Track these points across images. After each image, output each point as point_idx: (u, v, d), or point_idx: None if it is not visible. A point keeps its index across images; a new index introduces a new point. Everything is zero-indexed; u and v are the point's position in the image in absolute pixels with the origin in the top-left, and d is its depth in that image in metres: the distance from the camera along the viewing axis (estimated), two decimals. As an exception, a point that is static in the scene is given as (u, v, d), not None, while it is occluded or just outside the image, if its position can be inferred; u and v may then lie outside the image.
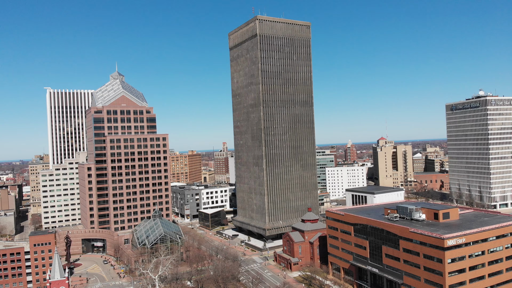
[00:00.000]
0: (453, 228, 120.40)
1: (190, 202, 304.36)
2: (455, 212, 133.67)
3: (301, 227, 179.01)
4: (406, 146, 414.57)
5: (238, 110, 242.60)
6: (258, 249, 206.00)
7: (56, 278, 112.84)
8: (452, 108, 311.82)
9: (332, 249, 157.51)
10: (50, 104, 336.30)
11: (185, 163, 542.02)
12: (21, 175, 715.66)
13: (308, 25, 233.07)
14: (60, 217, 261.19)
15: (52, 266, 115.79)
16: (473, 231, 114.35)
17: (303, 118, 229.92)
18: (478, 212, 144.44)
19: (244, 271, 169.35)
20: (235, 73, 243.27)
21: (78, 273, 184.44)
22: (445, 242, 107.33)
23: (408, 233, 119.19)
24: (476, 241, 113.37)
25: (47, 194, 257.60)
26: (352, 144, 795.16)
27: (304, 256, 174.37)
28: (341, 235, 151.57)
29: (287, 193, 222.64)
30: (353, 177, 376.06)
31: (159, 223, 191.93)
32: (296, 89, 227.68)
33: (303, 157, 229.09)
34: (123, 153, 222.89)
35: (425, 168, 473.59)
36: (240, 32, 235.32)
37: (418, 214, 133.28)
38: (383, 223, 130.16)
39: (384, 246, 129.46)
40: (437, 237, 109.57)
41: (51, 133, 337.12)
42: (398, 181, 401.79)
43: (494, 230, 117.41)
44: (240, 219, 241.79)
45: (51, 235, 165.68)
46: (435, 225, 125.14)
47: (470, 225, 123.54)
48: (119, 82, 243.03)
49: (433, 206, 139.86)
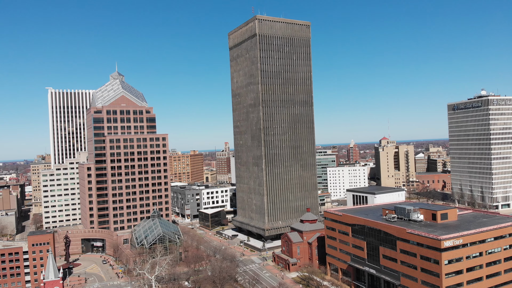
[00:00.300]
0: (451, 229, 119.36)
1: (191, 202, 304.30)
2: (453, 213, 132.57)
3: (300, 227, 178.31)
4: (408, 146, 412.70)
5: (238, 110, 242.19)
6: (257, 250, 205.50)
7: (50, 278, 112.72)
8: (454, 108, 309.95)
9: (330, 250, 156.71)
10: (51, 104, 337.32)
11: (187, 163, 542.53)
12: (25, 175, 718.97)
13: (308, 25, 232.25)
14: (60, 217, 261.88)
15: (46, 266, 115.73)
16: (471, 232, 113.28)
17: (303, 118, 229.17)
18: (477, 213, 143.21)
19: (242, 271, 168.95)
20: (235, 73, 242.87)
21: (77, 273, 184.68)
22: (442, 243, 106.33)
23: (405, 234, 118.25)
24: (473, 242, 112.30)
25: (47, 194, 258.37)
26: (354, 144, 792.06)
27: (303, 257, 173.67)
28: (339, 235, 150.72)
29: (287, 193, 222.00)
30: (354, 177, 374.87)
31: (157, 223, 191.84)
32: (296, 89, 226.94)
33: (303, 157, 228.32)
34: (122, 153, 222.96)
35: (427, 168, 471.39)
36: (239, 32, 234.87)
37: (416, 214, 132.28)
38: (381, 223, 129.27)
39: (382, 247, 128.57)
40: (434, 238, 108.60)
41: (52, 133, 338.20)
42: (400, 181, 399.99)
43: (492, 231, 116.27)
44: (239, 219, 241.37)
45: (50, 235, 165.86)
46: (433, 226, 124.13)
47: (468, 226, 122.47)
48: (119, 82, 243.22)
49: (432, 207, 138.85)
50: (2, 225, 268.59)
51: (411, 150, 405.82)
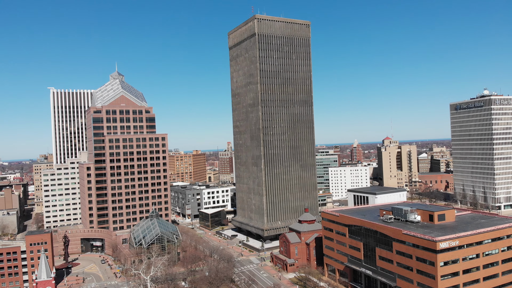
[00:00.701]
0: (448, 230, 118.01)
1: (191, 202, 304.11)
2: (451, 213, 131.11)
3: (298, 228, 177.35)
4: (411, 146, 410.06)
5: (237, 110, 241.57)
6: (256, 250, 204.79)
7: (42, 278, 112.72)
8: (457, 108, 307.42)
9: (328, 251, 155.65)
10: (53, 104, 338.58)
11: (189, 162, 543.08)
12: (29, 174, 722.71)
13: (307, 24, 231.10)
14: (61, 216, 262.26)
15: (39, 266, 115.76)
16: (468, 233, 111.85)
17: (303, 118, 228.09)
18: (476, 214, 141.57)
19: (239, 271, 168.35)
20: (235, 72, 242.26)
21: (76, 272, 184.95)
22: (437, 244, 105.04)
23: (401, 235, 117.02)
24: (470, 244, 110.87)
25: (48, 193, 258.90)
26: (358, 144, 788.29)
27: (301, 257, 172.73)
28: (336, 236, 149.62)
29: (286, 193, 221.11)
30: (356, 177, 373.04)
31: (156, 223, 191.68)
32: (295, 88, 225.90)
33: (302, 157, 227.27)
34: (121, 153, 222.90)
35: (430, 168, 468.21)
36: (239, 31, 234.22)
37: (413, 215, 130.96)
38: (377, 224, 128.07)
39: (378, 248, 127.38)
40: (430, 239, 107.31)
41: (54, 133, 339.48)
42: (402, 182, 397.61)
43: (489, 232, 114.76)
44: (239, 220, 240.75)
45: (47, 235, 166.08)
46: (429, 227, 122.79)
47: (466, 227, 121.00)
48: (118, 82, 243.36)
49: (429, 207, 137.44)
50: (3, 224, 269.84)
51: (413, 150, 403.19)
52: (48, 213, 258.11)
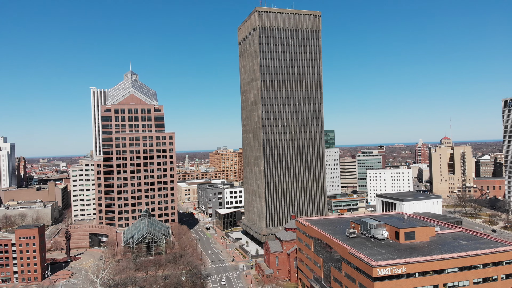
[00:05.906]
0: (412, 251, 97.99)
1: (213, 201, 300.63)
2: (425, 231, 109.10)
3: (281, 236, 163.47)
4: (466, 147, 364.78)
5: (244, 108, 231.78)
6: (249, 256, 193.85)
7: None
8: (509, 104, 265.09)
9: (300, 264, 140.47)
10: (93, 102, 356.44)
11: (234, 160, 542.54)
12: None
13: (317, 15, 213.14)
14: (88, 210, 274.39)
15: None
16: (424, 258, 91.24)
17: (310, 116, 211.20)
18: (465, 233, 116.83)
19: (216, 279, 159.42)
20: (242, 69, 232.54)
21: (71, 266, 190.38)
22: (374, 270, 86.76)
23: (347, 254, 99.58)
24: (426, 272, 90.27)
25: (77, 188, 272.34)
26: (423, 144, 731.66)
27: (282, 268, 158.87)
28: (305, 248, 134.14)
29: (289, 196, 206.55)
30: (397, 181, 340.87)
31: (146, 223, 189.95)
32: (302, 85, 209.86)
33: (309, 158, 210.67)
34: (128, 151, 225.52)
35: (493, 172, 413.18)
36: (245, 26, 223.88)
37: (380, 231, 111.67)
38: (331, 239, 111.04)
39: (332, 267, 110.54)
40: (367, 263, 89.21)
41: (94, 130, 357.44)
42: (454, 186, 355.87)
43: (458, 259, 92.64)
44: (244, 222, 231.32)
45: (35, 229, 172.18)
46: (392, 246, 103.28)
47: (435, 249, 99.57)
48: (130, 81, 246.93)
49: (398, 223, 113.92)
50: (38, 215, 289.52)
51: (468, 151, 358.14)
52: (76, 207, 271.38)
